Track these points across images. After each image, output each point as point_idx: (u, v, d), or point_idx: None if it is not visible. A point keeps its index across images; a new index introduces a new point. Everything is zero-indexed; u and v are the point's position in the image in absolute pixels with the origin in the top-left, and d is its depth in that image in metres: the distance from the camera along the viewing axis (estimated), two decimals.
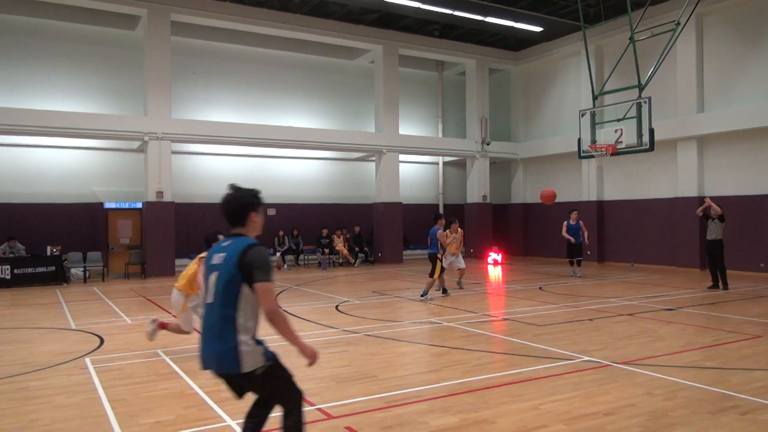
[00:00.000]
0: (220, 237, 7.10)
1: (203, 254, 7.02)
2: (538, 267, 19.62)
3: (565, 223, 16.43)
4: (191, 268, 7.20)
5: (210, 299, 3.38)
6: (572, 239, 16.28)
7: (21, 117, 16.17)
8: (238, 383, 3.45)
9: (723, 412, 5.03)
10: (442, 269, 12.45)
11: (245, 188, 3.53)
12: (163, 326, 7.44)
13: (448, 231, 13.62)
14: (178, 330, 7.40)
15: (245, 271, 3.27)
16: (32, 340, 8.56)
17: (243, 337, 3.28)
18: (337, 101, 23.19)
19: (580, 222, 16.47)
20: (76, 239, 18.05)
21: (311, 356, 3.47)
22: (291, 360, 3.82)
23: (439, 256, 12.16)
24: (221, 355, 3.29)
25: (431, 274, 12.19)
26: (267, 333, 3.46)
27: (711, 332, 8.47)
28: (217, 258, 3.40)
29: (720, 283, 13.14)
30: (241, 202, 3.47)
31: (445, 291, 12.90)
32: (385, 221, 21.63)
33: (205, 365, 3.42)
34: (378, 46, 21.65)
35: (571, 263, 16.50)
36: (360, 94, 23.59)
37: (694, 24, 17.37)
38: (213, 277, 3.38)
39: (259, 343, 3.37)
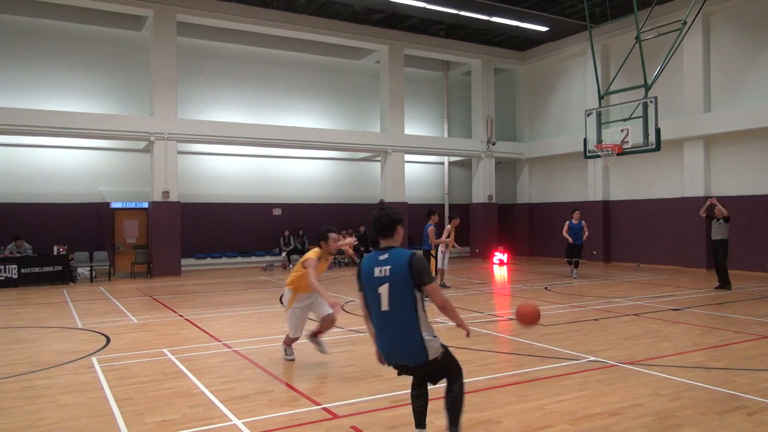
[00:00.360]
0: (332, 234, 6.90)
1: (308, 255, 6.84)
2: (544, 267, 19.58)
3: (567, 222, 16.26)
4: (297, 268, 6.94)
5: (385, 307, 3.88)
6: (571, 239, 16.13)
7: (28, 117, 16.27)
8: (419, 370, 4.02)
9: (730, 412, 5.01)
10: (437, 267, 12.35)
11: (392, 207, 4.15)
12: (316, 335, 7.02)
13: (449, 226, 13.46)
14: (327, 325, 6.98)
15: (416, 278, 3.83)
16: (39, 339, 8.59)
17: (425, 333, 3.88)
18: (343, 101, 23.21)
19: (582, 222, 16.28)
20: (82, 239, 18.14)
21: (469, 332, 4.13)
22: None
23: (432, 253, 12.04)
24: (410, 349, 3.86)
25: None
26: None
27: (718, 332, 8.44)
28: (381, 271, 3.89)
29: (725, 283, 13.09)
30: (391, 218, 4.05)
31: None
32: None
33: (390, 360, 4.02)
34: (383, 47, 21.65)
35: (570, 263, 16.32)
36: (365, 94, 23.60)
37: (701, 23, 17.31)
38: (384, 288, 3.86)
39: (435, 336, 3.95)
